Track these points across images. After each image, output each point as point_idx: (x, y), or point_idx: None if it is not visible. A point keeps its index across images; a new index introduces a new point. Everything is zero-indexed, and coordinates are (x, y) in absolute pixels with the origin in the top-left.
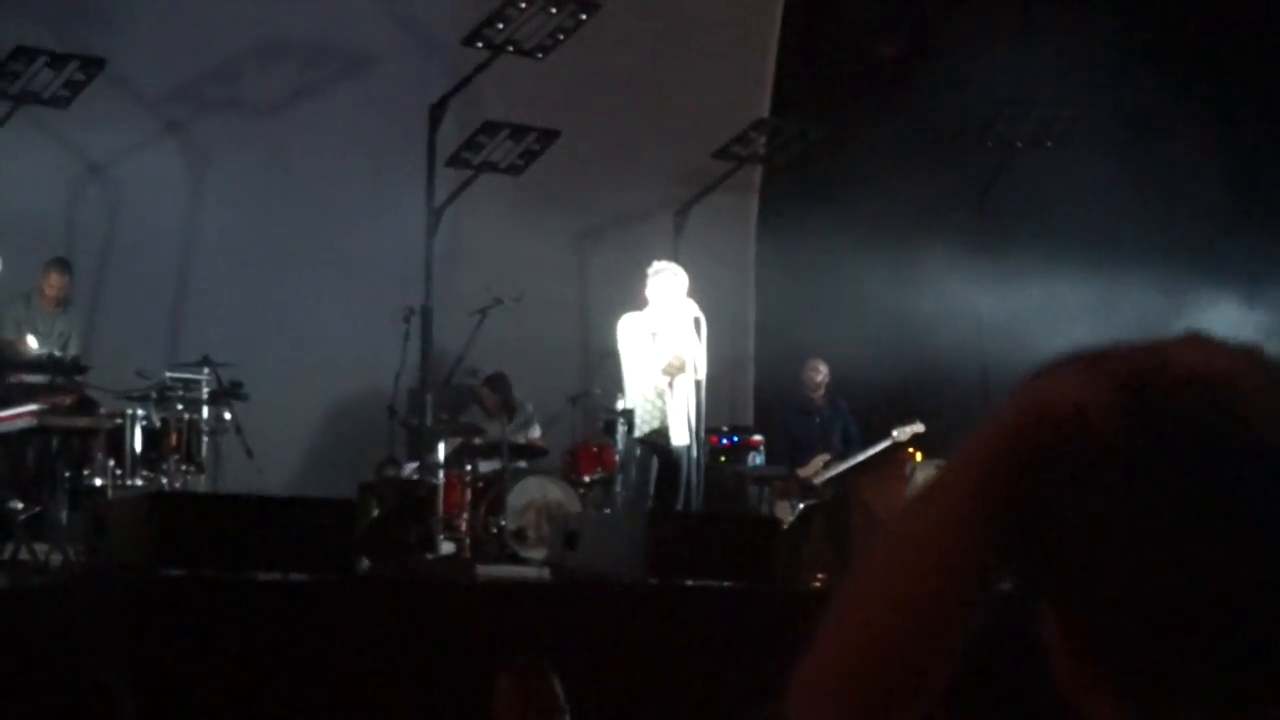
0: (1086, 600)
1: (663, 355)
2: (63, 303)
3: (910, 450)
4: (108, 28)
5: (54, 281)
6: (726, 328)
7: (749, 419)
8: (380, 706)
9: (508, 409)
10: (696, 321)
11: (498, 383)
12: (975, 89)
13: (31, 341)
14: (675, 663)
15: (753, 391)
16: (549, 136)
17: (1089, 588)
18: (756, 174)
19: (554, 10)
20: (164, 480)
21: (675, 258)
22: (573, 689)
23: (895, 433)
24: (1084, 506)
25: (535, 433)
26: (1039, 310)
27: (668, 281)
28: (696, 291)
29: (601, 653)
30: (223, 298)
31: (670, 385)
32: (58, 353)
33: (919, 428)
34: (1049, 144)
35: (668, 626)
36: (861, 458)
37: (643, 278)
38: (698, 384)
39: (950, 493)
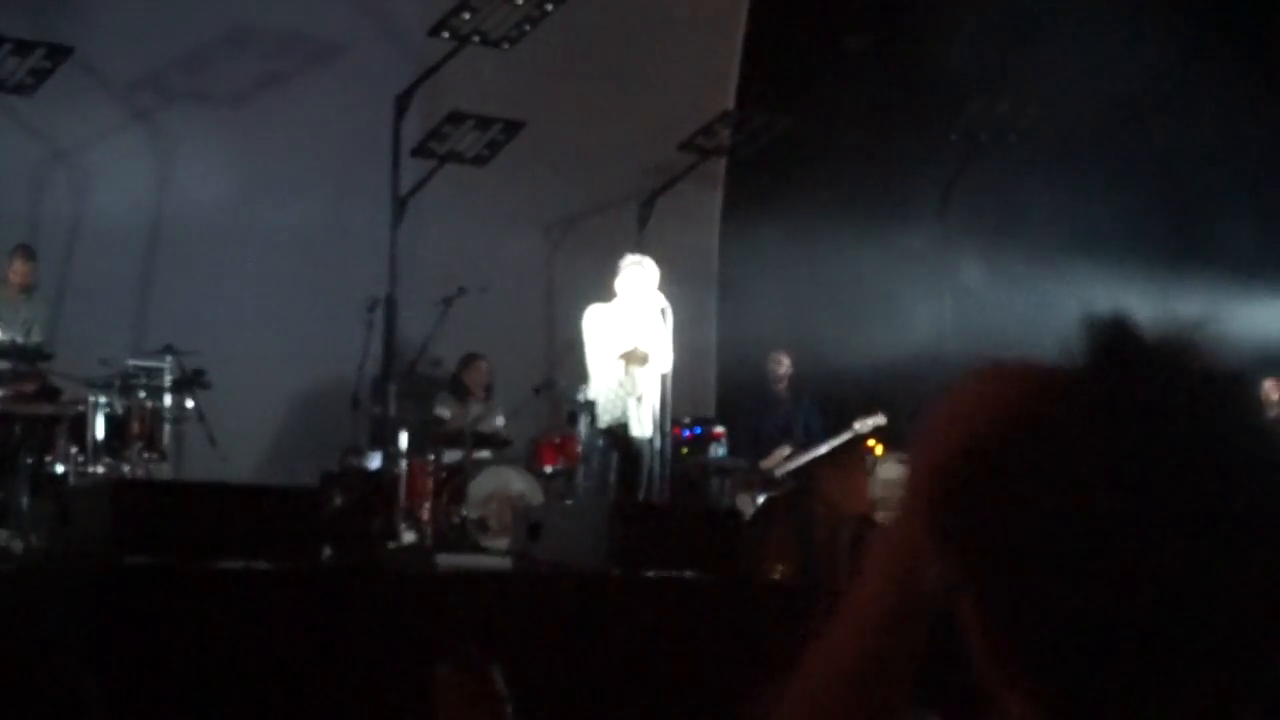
0: (1011, 596)
1: (626, 347)
2: (27, 289)
3: (872, 443)
4: (76, 14)
5: (19, 268)
6: (689, 319)
7: (711, 411)
8: (341, 696)
9: (488, 390)
10: (663, 313)
11: (478, 361)
12: (942, 82)
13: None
14: (638, 653)
15: (715, 383)
16: (514, 127)
17: (1015, 584)
18: (721, 166)
19: (520, 1)
20: (127, 468)
21: (640, 249)
22: (534, 679)
23: (857, 425)
24: (1022, 504)
25: (499, 422)
26: (1002, 303)
27: (637, 275)
28: (660, 282)
29: (563, 643)
30: (187, 286)
31: (632, 376)
32: (20, 339)
33: (881, 420)
34: (1014, 138)
35: (630, 617)
36: (823, 450)
37: (609, 269)
38: (663, 376)
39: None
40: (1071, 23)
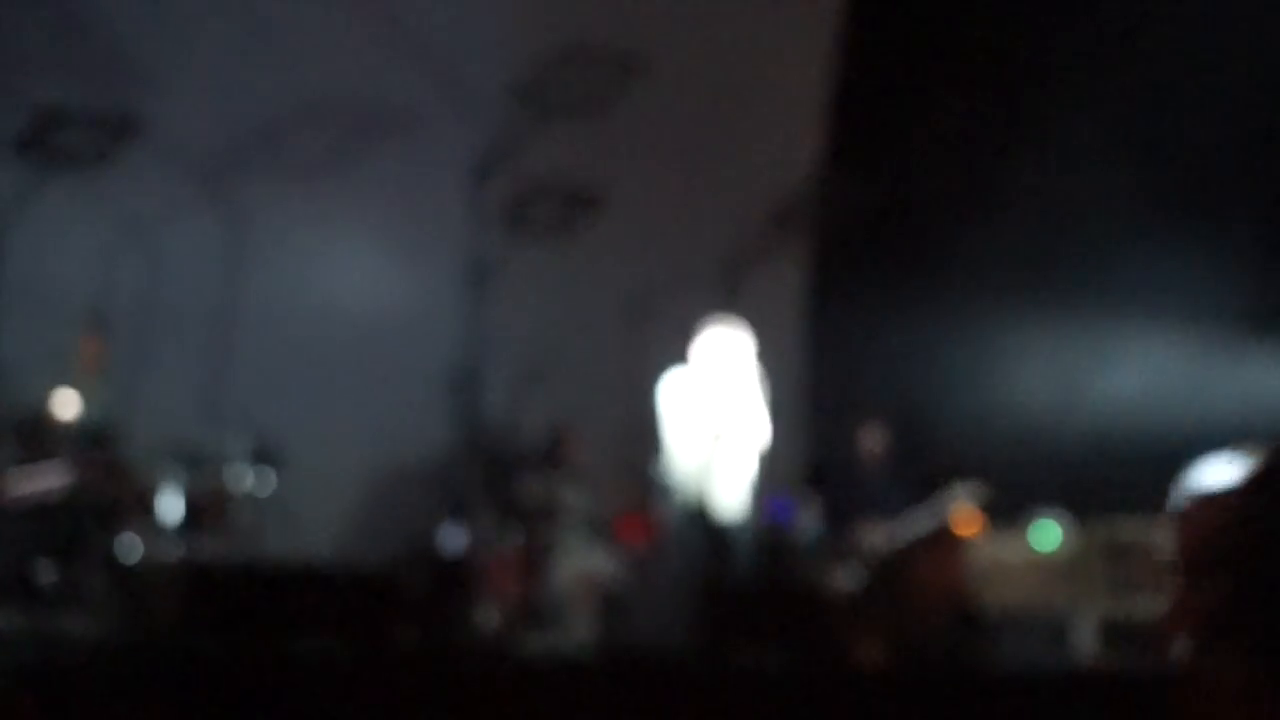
0: None
1: (710, 420)
2: (100, 368)
3: (968, 519)
4: (148, 87)
5: (91, 346)
6: (776, 390)
7: (799, 486)
8: None
9: (577, 465)
10: (755, 383)
11: (570, 434)
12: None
13: (69, 408)
14: None
15: (802, 457)
16: (595, 199)
17: None
18: (808, 235)
19: (600, 70)
20: (199, 548)
21: (724, 315)
22: None
23: (950, 499)
24: None
25: (587, 498)
26: (1100, 375)
27: (720, 339)
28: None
29: None
30: (261, 362)
31: (718, 451)
32: (91, 418)
33: (978, 494)
34: (1107, 206)
35: (715, 700)
36: (919, 526)
37: (693, 340)
38: (753, 450)
39: None
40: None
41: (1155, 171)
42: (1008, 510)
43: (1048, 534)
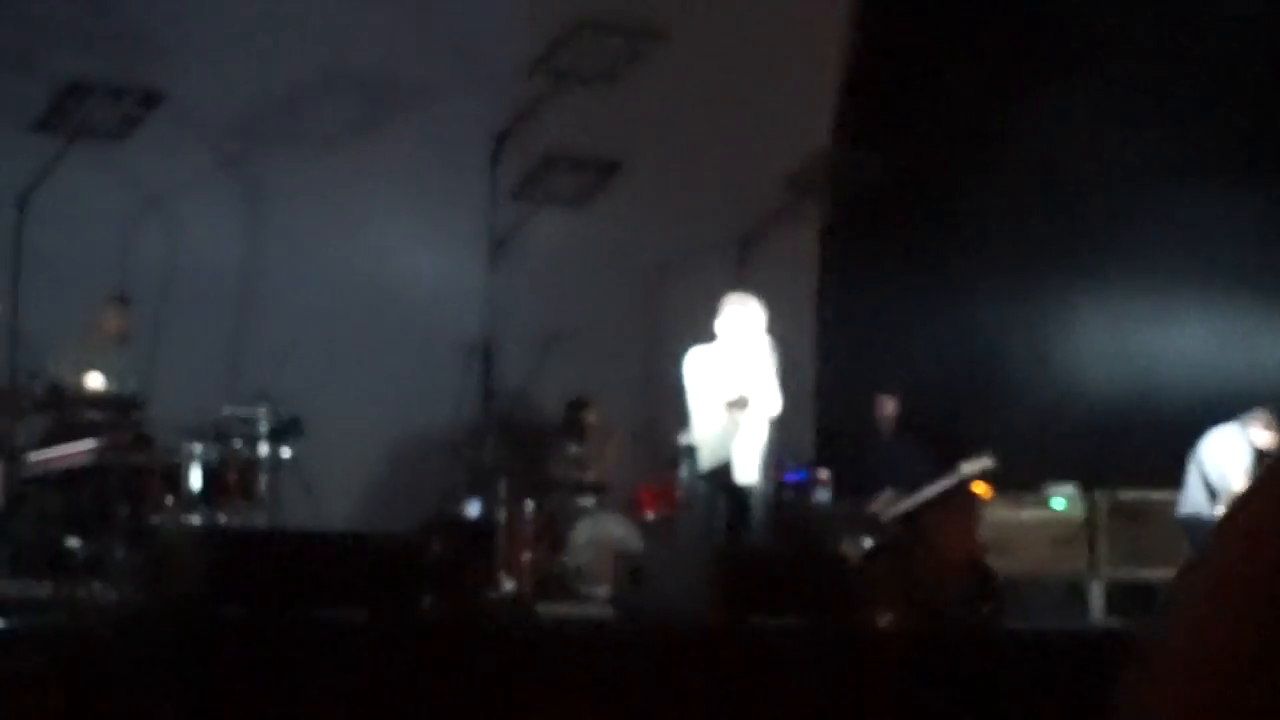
0: None
1: (729, 391)
2: (122, 339)
3: (980, 486)
4: (168, 61)
5: (114, 317)
6: (788, 360)
7: (810, 454)
8: None
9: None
10: (768, 354)
11: (590, 405)
12: (1050, 122)
13: (93, 379)
14: (742, 701)
15: (814, 426)
16: (611, 168)
17: None
18: (820, 206)
19: (616, 40)
20: (222, 518)
21: (740, 289)
22: None
23: (964, 468)
24: None
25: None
26: (1105, 344)
27: (739, 314)
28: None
29: (666, 692)
30: (282, 333)
31: (735, 420)
32: (115, 389)
33: (988, 462)
34: (1126, 177)
35: (734, 665)
36: (930, 494)
37: (709, 310)
38: (769, 420)
39: None
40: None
41: (1161, 140)
42: (1019, 481)
43: (1057, 502)
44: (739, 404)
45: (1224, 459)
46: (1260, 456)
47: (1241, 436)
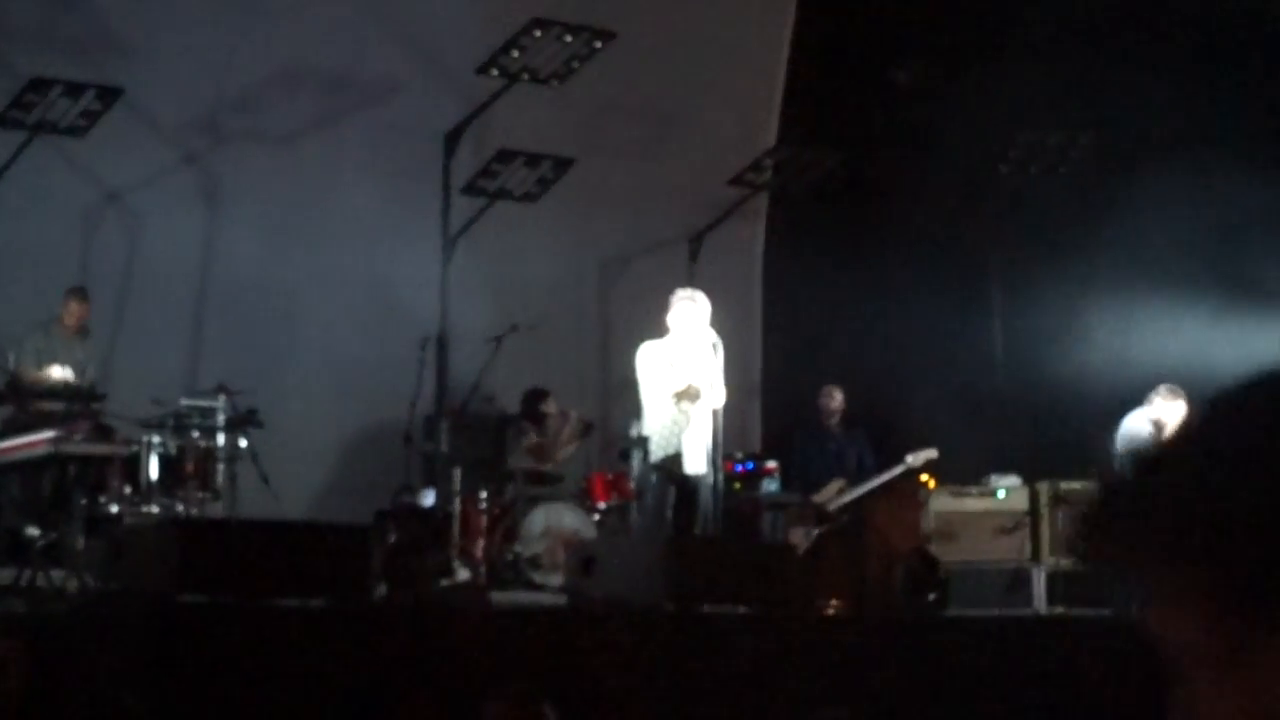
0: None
1: (680, 383)
2: (82, 331)
3: (924, 477)
4: (126, 57)
5: (74, 310)
6: (735, 354)
7: (757, 446)
8: None
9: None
10: (714, 348)
11: (544, 396)
12: (990, 115)
13: (55, 371)
14: (691, 688)
15: (760, 418)
16: (564, 164)
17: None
18: (765, 201)
19: (568, 39)
20: (180, 507)
21: (690, 284)
22: (588, 715)
23: (909, 459)
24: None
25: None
26: (1051, 335)
27: (688, 309)
28: (711, 318)
29: (617, 678)
30: (239, 326)
31: (686, 412)
32: (74, 380)
33: (933, 453)
34: (1062, 170)
35: (684, 652)
36: (875, 484)
37: (660, 305)
38: (715, 412)
39: None
40: (1125, 54)
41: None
42: (963, 471)
43: (1000, 493)
44: (689, 394)
45: (1126, 439)
46: (1159, 429)
47: (1144, 415)
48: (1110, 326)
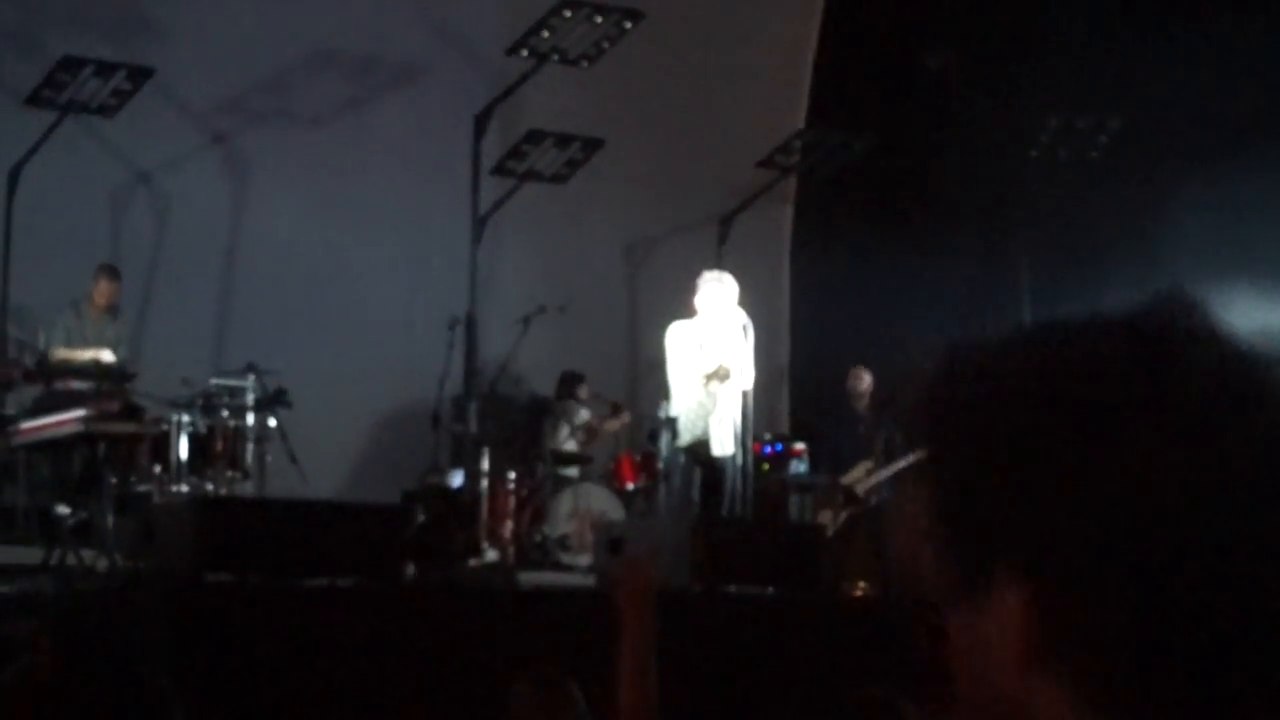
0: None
1: (708, 364)
2: (112, 310)
3: None
4: (157, 37)
5: (104, 288)
6: (764, 336)
7: (785, 427)
8: (422, 712)
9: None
10: (744, 329)
11: (574, 377)
12: (1019, 98)
13: (89, 352)
14: (718, 669)
15: (788, 400)
16: (593, 145)
17: (1081, 577)
18: (794, 184)
19: (598, 19)
20: (210, 487)
21: (719, 266)
22: (614, 696)
23: None
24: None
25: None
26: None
27: (716, 291)
28: (738, 300)
29: None
30: (268, 306)
31: (714, 394)
32: (106, 359)
33: None
34: (1092, 154)
35: (711, 633)
36: (904, 464)
37: (689, 286)
38: (744, 393)
39: None
40: (1155, 38)
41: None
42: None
43: None
44: (719, 374)
45: None
46: None
47: None
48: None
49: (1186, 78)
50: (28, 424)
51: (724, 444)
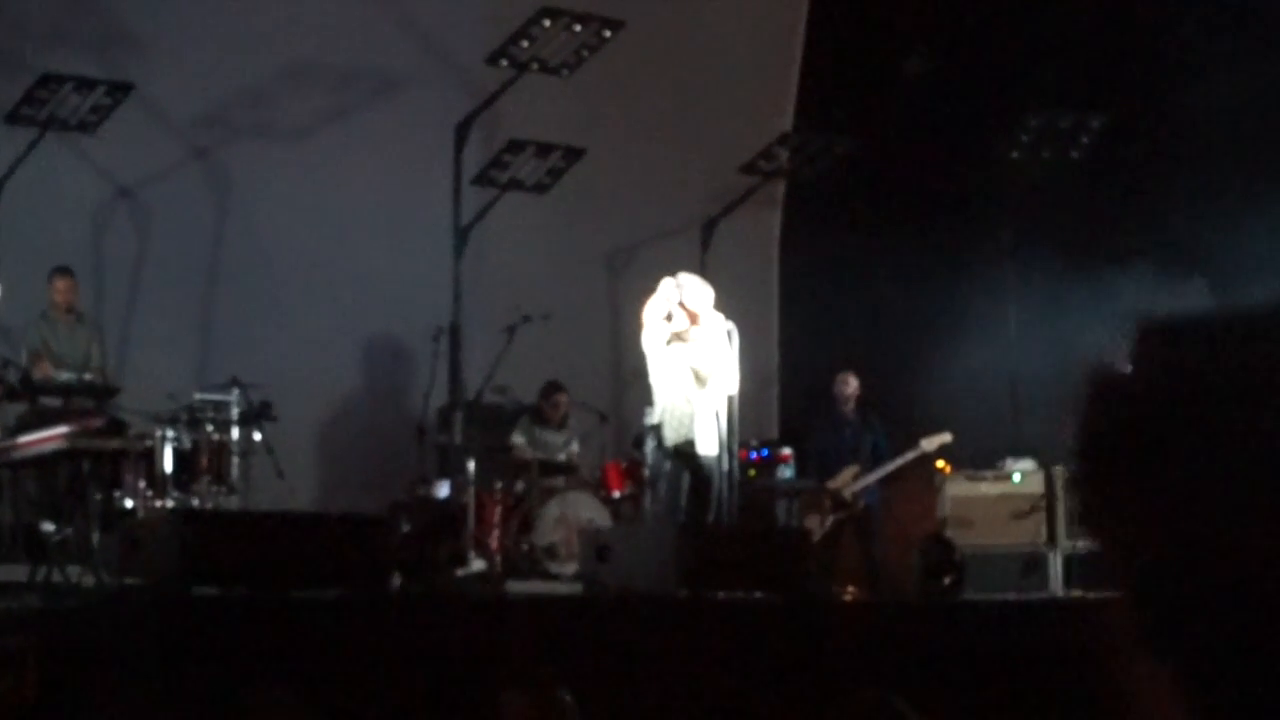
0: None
1: (690, 370)
2: (73, 310)
3: (939, 462)
4: (137, 52)
5: (60, 286)
6: (751, 341)
7: (773, 432)
8: None
9: (564, 420)
10: (729, 334)
11: (559, 395)
12: (1001, 99)
13: (63, 374)
14: (706, 675)
15: (777, 405)
16: (574, 154)
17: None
18: (780, 188)
19: (577, 28)
20: (195, 501)
21: (702, 273)
22: (603, 702)
23: (923, 443)
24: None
25: (574, 449)
26: (1066, 319)
27: (695, 294)
28: (723, 306)
29: (633, 665)
30: (252, 319)
31: (699, 399)
32: (85, 373)
33: (947, 438)
34: (1074, 153)
35: (699, 639)
36: (890, 468)
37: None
38: (730, 398)
39: None
40: (1137, 36)
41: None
42: (979, 456)
43: (1016, 477)
44: (699, 379)
45: None
46: None
47: None
48: (1120, 313)
49: (1169, 77)
50: (12, 441)
51: (708, 446)
